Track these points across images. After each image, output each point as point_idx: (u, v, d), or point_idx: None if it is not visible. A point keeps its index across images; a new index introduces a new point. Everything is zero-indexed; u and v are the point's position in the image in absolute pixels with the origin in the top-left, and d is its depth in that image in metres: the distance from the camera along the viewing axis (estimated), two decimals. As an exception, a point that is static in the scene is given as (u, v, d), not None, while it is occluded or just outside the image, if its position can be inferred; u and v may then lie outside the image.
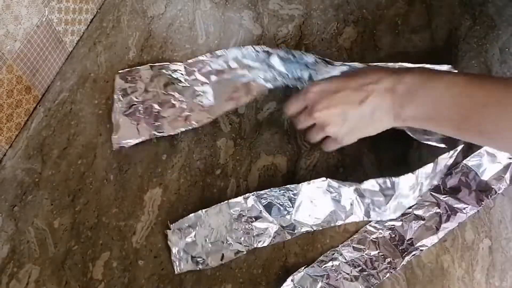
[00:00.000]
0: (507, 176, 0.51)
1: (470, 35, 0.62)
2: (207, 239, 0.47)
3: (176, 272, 0.47)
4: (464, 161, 0.51)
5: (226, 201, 0.48)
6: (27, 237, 0.49)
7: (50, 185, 0.51)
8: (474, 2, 0.64)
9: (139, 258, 0.48)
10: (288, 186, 0.48)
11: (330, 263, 0.46)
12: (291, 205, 0.48)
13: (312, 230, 0.48)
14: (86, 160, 0.53)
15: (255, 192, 0.48)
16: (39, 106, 0.56)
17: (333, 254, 0.47)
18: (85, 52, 0.61)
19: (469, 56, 0.60)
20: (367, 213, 0.48)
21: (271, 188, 0.48)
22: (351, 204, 0.48)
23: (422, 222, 0.48)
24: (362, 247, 0.47)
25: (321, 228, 0.48)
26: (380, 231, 0.48)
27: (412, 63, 0.54)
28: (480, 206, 0.49)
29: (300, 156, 0.53)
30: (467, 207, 0.49)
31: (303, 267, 0.46)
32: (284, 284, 0.45)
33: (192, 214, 0.47)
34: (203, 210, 0.47)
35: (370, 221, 0.49)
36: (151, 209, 0.50)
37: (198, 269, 0.47)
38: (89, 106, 0.56)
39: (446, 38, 0.62)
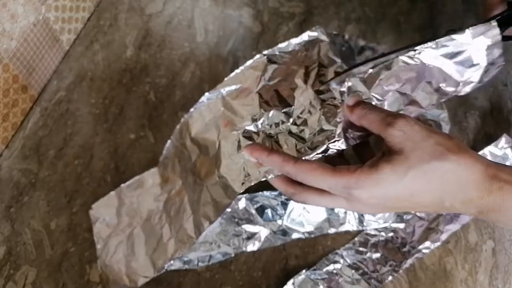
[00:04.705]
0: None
1: (473, 34, 0.61)
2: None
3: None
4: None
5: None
6: (24, 239, 0.48)
7: (46, 186, 0.51)
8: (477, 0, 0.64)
9: (137, 260, 0.47)
10: None
11: (331, 266, 0.45)
12: (283, 210, 0.47)
13: (304, 237, 0.47)
14: (83, 161, 0.52)
15: (247, 194, 0.47)
16: (36, 105, 0.56)
17: (334, 256, 0.46)
18: (82, 51, 0.60)
19: (472, 54, 0.59)
20: (361, 222, 0.47)
21: (264, 191, 0.47)
22: (345, 212, 0.47)
23: (425, 224, 0.47)
24: (364, 249, 0.46)
25: (312, 236, 0.47)
26: (382, 233, 0.47)
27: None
28: (483, 207, 0.48)
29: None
30: (470, 209, 0.48)
31: (304, 270, 0.45)
32: (285, 287, 0.44)
33: None
34: None
35: (362, 230, 0.48)
36: (149, 211, 0.49)
37: (184, 269, 0.46)
38: (86, 105, 0.56)
39: (448, 37, 0.61)
